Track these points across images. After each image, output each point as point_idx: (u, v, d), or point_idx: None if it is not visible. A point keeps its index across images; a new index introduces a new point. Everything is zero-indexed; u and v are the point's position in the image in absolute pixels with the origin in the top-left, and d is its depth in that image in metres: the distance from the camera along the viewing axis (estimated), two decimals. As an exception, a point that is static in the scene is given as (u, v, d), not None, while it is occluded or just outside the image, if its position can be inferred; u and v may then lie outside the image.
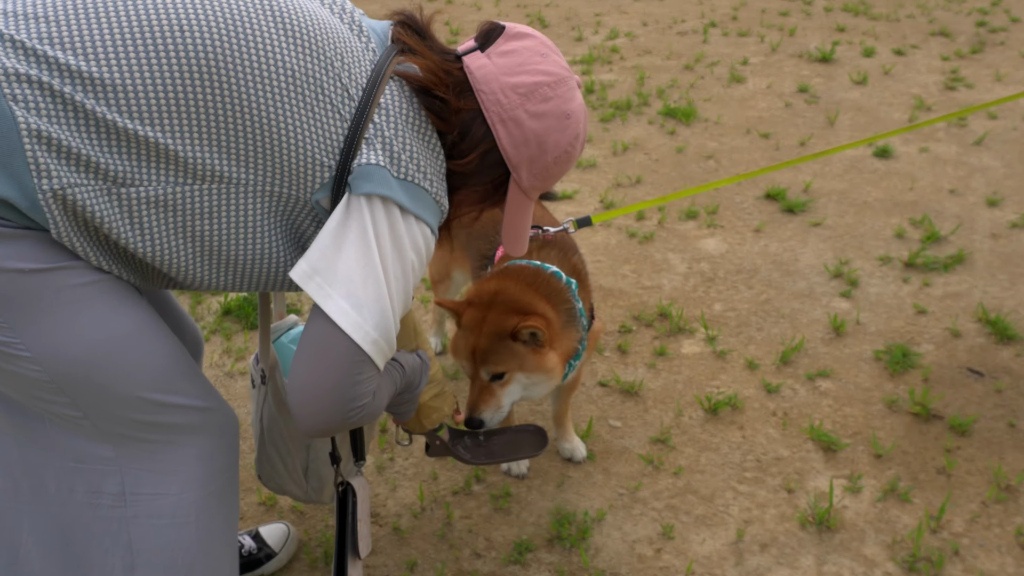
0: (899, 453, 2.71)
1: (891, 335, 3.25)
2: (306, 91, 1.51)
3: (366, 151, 1.54)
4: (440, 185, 1.62)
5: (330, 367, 1.51)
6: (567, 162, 1.76)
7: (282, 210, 1.56)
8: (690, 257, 3.82)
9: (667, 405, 2.96)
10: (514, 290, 2.32)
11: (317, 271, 1.51)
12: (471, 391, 2.27)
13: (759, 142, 4.90)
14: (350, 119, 1.55)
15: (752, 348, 3.23)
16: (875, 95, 5.41)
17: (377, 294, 1.52)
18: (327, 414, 1.53)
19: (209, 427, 1.68)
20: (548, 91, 1.67)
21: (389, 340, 1.57)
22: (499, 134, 1.65)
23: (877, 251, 3.79)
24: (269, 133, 1.48)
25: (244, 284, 1.64)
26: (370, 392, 1.58)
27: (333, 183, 1.56)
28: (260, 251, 1.58)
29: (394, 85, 1.61)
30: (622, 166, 4.72)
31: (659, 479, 2.66)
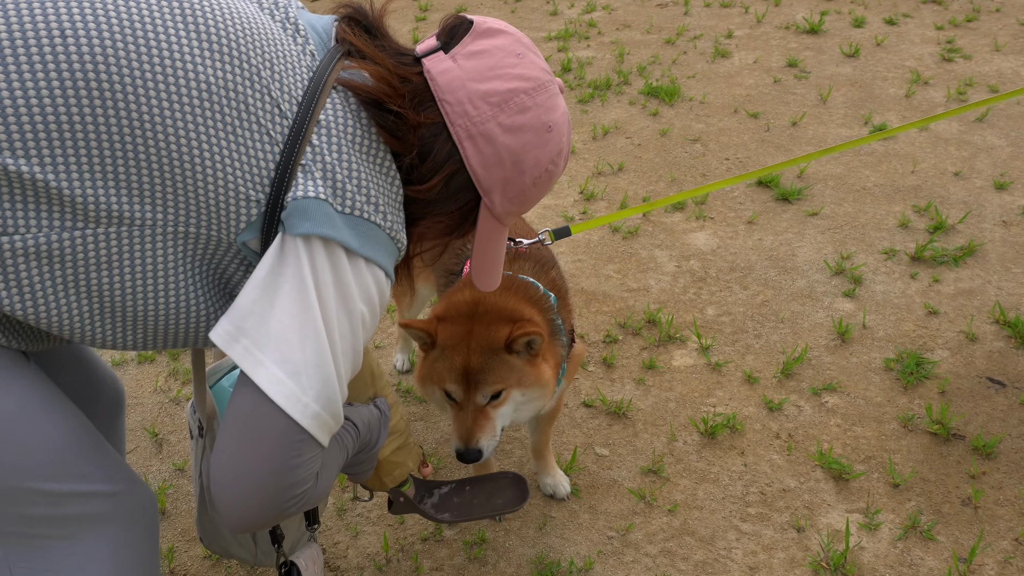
0: (919, 481, 2.43)
1: (901, 340, 2.97)
2: (225, 108, 1.19)
3: (303, 181, 1.23)
4: (396, 217, 1.32)
5: (261, 452, 1.21)
6: (548, 182, 1.47)
7: (201, 254, 1.25)
8: (679, 254, 3.52)
9: (659, 428, 2.66)
10: (495, 297, 2.02)
11: (243, 331, 1.20)
12: (460, 418, 1.95)
13: (748, 123, 4.59)
14: (282, 142, 1.24)
15: (750, 359, 2.93)
16: (868, 69, 5.10)
17: (318, 358, 1.22)
18: (258, 509, 1.23)
19: (119, 515, 1.38)
20: (525, 99, 1.37)
21: (334, 412, 1.27)
22: (467, 152, 1.35)
23: (880, 243, 3.50)
24: (180, 162, 1.17)
25: (158, 342, 1.33)
26: (311, 475, 1.28)
27: (263, 221, 1.25)
28: (174, 305, 1.27)
29: (337, 97, 1.30)
30: (603, 152, 4.40)
31: (652, 518, 2.37)
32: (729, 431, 2.64)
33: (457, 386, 1.93)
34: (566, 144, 1.45)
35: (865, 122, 4.48)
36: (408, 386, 2.89)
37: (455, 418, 1.97)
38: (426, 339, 1.96)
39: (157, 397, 2.92)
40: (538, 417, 2.33)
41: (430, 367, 1.97)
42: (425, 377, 1.99)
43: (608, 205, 3.90)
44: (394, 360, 2.97)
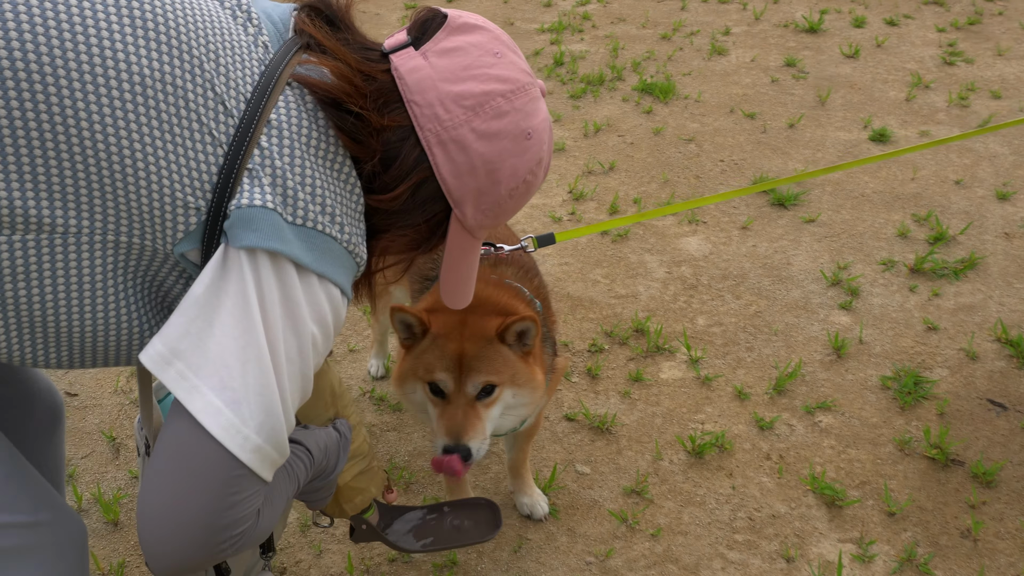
0: (915, 510, 2.31)
1: (899, 357, 2.84)
2: (162, 104, 1.05)
3: (249, 187, 1.09)
4: (355, 229, 1.19)
5: (194, 489, 1.07)
6: (527, 193, 1.33)
7: (135, 266, 1.12)
8: (669, 259, 3.38)
9: (644, 445, 2.53)
10: (488, 292, 1.90)
11: (177, 354, 1.07)
12: (448, 412, 1.78)
13: (744, 123, 4.45)
14: (227, 143, 1.10)
15: (741, 373, 2.80)
16: (868, 70, 4.97)
17: (261, 384, 1.09)
18: (188, 552, 1.09)
19: (43, 547, 1.25)
20: (503, 103, 1.23)
21: (278, 445, 1.13)
22: (437, 160, 1.22)
23: (879, 253, 3.37)
24: (108, 163, 1.03)
25: (87, 360, 1.19)
26: (251, 514, 1.14)
27: (203, 231, 1.11)
28: (103, 320, 1.13)
29: (292, 95, 1.16)
30: (594, 150, 4.26)
31: (634, 542, 2.23)
32: (717, 450, 2.51)
33: (448, 375, 1.77)
34: (547, 153, 1.32)
35: (864, 126, 4.35)
36: (383, 393, 2.75)
37: (441, 414, 1.79)
38: (417, 327, 1.81)
39: (117, 398, 2.77)
40: (516, 433, 2.20)
41: (415, 360, 1.82)
42: (408, 372, 1.83)
43: (598, 206, 3.76)
44: (368, 366, 2.83)
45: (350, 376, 2.83)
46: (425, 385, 1.81)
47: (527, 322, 1.78)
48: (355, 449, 1.63)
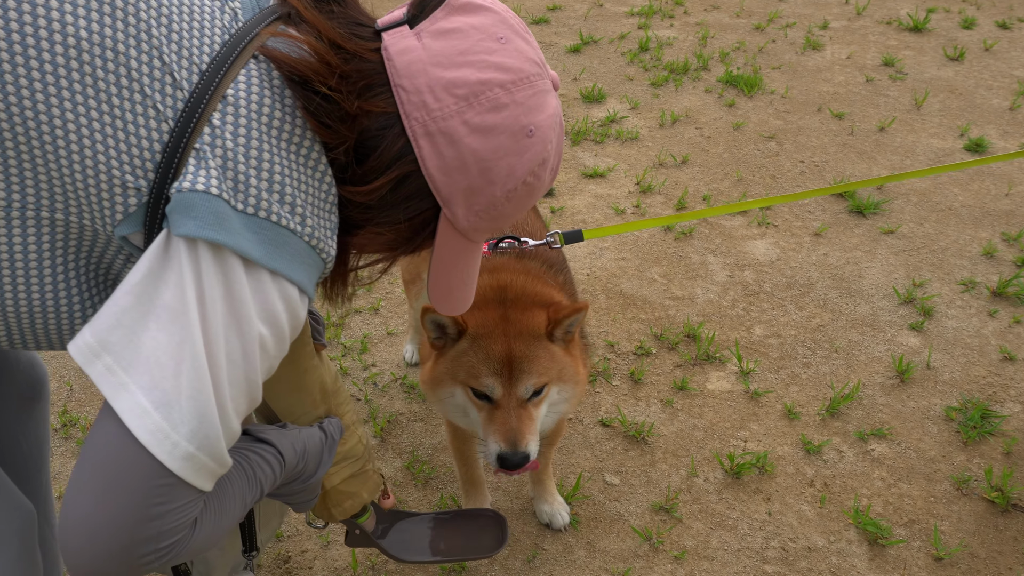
0: (966, 556, 2.12)
1: (968, 387, 2.63)
2: (98, 71, 0.96)
3: (194, 169, 0.99)
4: (321, 222, 1.08)
5: (116, 496, 0.99)
6: (528, 196, 1.20)
7: (75, 246, 1.03)
8: (733, 262, 3.22)
9: (680, 460, 2.40)
10: (522, 281, 1.78)
11: (107, 347, 0.98)
12: (500, 417, 1.67)
13: (831, 123, 4.22)
14: (173, 118, 1.00)
15: (794, 390, 2.63)
16: (972, 75, 4.67)
17: (195, 387, 0.99)
18: (106, 563, 1.01)
19: None
20: (501, 95, 1.10)
21: (214, 454, 1.03)
22: (423, 153, 1.10)
23: (960, 273, 3.14)
24: (38, 133, 0.95)
25: (28, 341, 1.12)
26: (184, 524, 1.05)
27: (145, 214, 1.02)
28: (39, 301, 1.06)
29: (257, 69, 1.06)
30: (668, 141, 4.09)
31: (655, 564, 2.11)
32: (757, 472, 2.36)
33: (496, 380, 1.66)
34: (553, 153, 1.19)
35: (961, 134, 4.08)
36: (414, 380, 2.66)
37: (492, 419, 1.68)
38: (452, 328, 1.71)
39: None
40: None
41: (453, 363, 1.70)
42: (444, 376, 1.72)
43: (665, 200, 3.60)
44: (404, 351, 2.75)
45: (386, 360, 2.76)
46: (467, 389, 1.70)
47: (579, 314, 1.68)
48: (347, 451, 1.53)
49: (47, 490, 1.65)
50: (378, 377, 2.69)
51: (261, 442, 1.29)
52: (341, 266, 1.22)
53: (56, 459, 2.38)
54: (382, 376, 2.70)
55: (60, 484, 2.29)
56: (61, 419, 2.51)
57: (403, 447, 2.44)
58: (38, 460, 1.57)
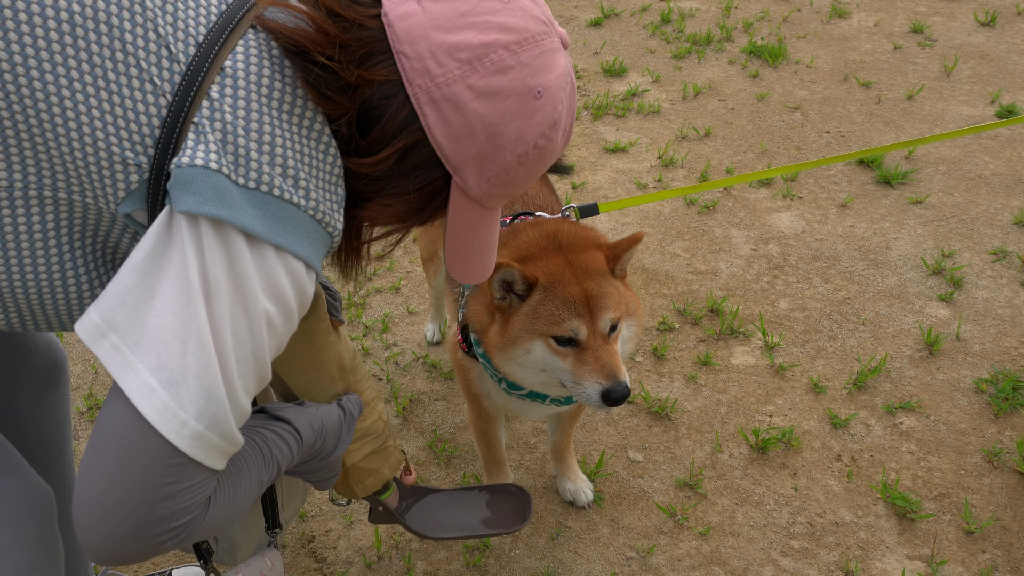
0: (998, 530, 2.09)
1: (999, 358, 2.59)
2: (93, 46, 0.95)
3: (192, 144, 0.98)
4: (326, 195, 1.06)
5: (127, 476, 0.98)
6: (541, 160, 1.18)
7: (80, 225, 1.02)
8: (757, 235, 3.17)
9: (704, 435, 2.37)
10: (569, 227, 1.80)
11: (113, 326, 0.97)
12: (590, 357, 1.66)
13: (857, 92, 4.15)
14: (171, 92, 0.99)
15: (820, 364, 2.60)
16: (1004, 40, 4.57)
17: (202, 365, 0.98)
18: (120, 542, 1.01)
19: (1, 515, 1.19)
20: (505, 56, 1.07)
21: (224, 432, 1.03)
22: (428, 120, 1.08)
23: (990, 242, 3.08)
24: (36, 111, 0.94)
25: (40, 323, 1.11)
26: (196, 504, 1.04)
27: (147, 190, 1.00)
28: (47, 282, 1.05)
29: (255, 40, 1.04)
30: (691, 114, 4.04)
31: (680, 540, 2.09)
32: (783, 447, 2.33)
33: (580, 321, 1.65)
34: (565, 114, 1.16)
35: (992, 101, 3.99)
36: (435, 360, 2.65)
37: (583, 360, 1.66)
38: (521, 283, 1.68)
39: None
40: (560, 413, 2.07)
41: (528, 318, 1.68)
42: (520, 333, 1.69)
43: (688, 174, 3.56)
44: (425, 331, 2.74)
45: (407, 340, 2.75)
46: (547, 340, 1.68)
47: (635, 246, 1.71)
48: (367, 427, 1.53)
49: (70, 473, 1.66)
50: (399, 356, 2.68)
51: (278, 420, 1.28)
52: (353, 239, 1.20)
53: (82, 442, 2.39)
54: (403, 355, 2.69)
55: (86, 467, 2.31)
56: (87, 402, 2.52)
57: (425, 426, 2.43)
58: (60, 442, 1.58)
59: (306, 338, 1.39)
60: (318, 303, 1.39)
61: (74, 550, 1.67)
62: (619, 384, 1.63)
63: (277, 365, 1.40)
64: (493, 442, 2.09)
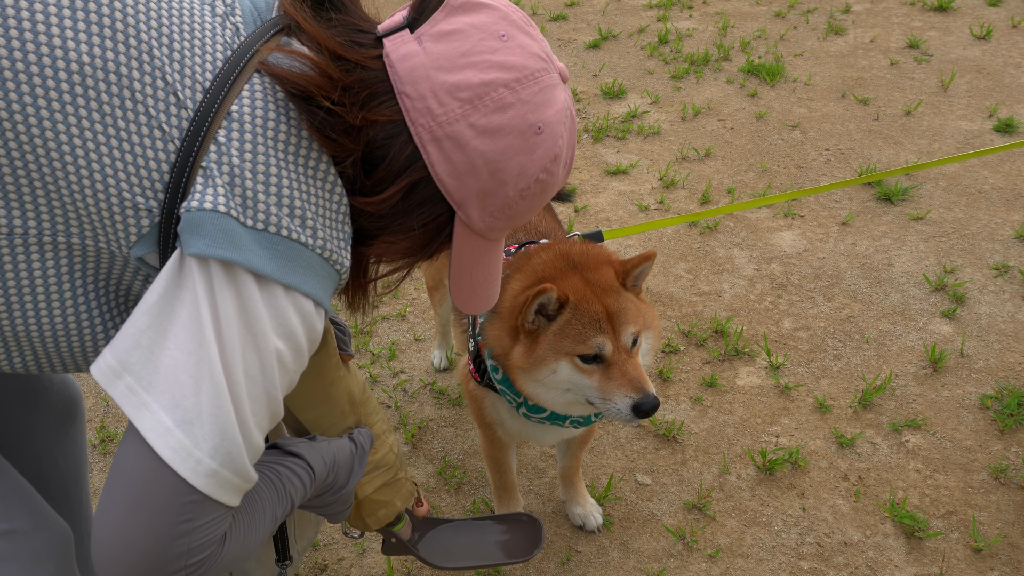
0: (1006, 547, 2.10)
1: (1004, 374, 2.60)
2: (103, 95, 0.97)
3: (202, 188, 1.00)
4: (333, 233, 1.09)
5: (143, 514, 1.01)
6: (543, 193, 1.20)
7: (93, 268, 1.05)
8: (759, 255, 3.19)
9: (711, 457, 2.39)
10: (579, 246, 1.83)
11: (127, 367, 1.00)
12: (616, 372, 1.68)
13: (855, 109, 4.18)
14: (179, 138, 1.01)
15: (825, 383, 2.61)
16: (1000, 53, 4.60)
17: (216, 403, 1.01)
18: (144, 570, 1.03)
19: (16, 556, 1.22)
20: (505, 94, 1.10)
21: (238, 469, 1.05)
22: (431, 159, 1.10)
23: (992, 257, 3.10)
24: (48, 160, 0.96)
25: (55, 364, 1.14)
26: (213, 540, 1.07)
27: (158, 233, 1.03)
28: (63, 324, 1.08)
29: (260, 84, 1.07)
30: (691, 134, 4.07)
31: (690, 563, 2.10)
32: (790, 467, 2.34)
33: (605, 337, 1.68)
34: (565, 148, 1.18)
35: (990, 114, 4.02)
36: (443, 386, 2.67)
37: (610, 376, 1.68)
38: (555, 305, 1.70)
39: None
40: (571, 439, 2.09)
41: (556, 338, 1.69)
42: (546, 354, 1.70)
43: (688, 195, 3.58)
44: (432, 358, 2.76)
45: (414, 367, 2.77)
46: (574, 359, 1.70)
47: (647, 263, 1.74)
48: (378, 460, 1.55)
49: (87, 508, 1.68)
50: (407, 383, 2.70)
51: (290, 455, 1.30)
52: (360, 276, 1.23)
53: (96, 475, 2.41)
54: (411, 382, 2.71)
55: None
56: (99, 435, 2.54)
57: (434, 453, 2.45)
58: (77, 478, 1.60)
59: (316, 373, 1.41)
60: (327, 338, 1.41)
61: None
62: (648, 396, 1.65)
63: (288, 400, 1.42)
64: (505, 469, 2.10)
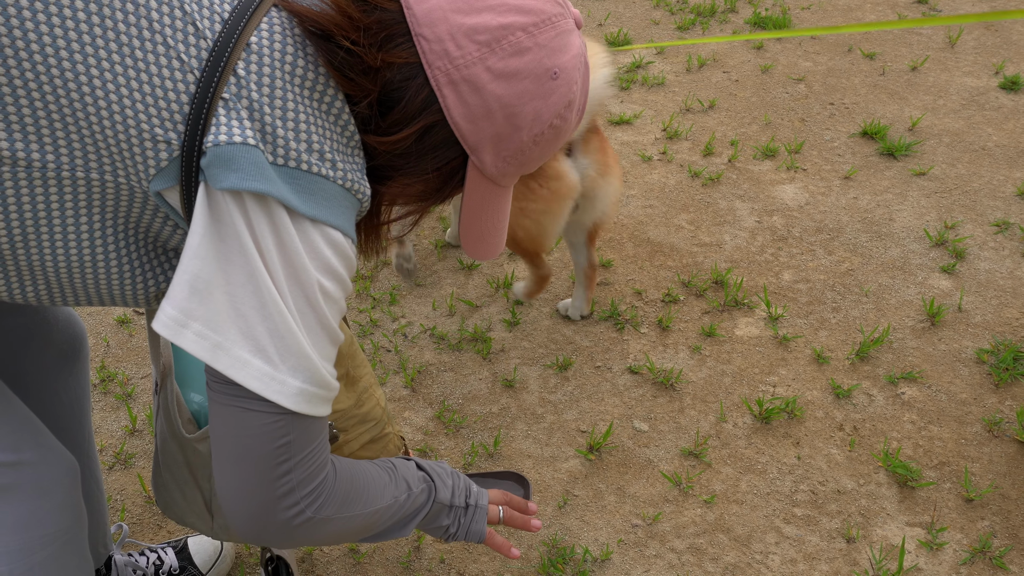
0: (997, 497, 2.13)
1: (1001, 329, 2.62)
2: (120, 24, 0.97)
3: (225, 121, 1.00)
4: (350, 164, 1.09)
5: (243, 448, 1.08)
6: (555, 139, 1.20)
7: (112, 204, 1.06)
8: (761, 208, 3.19)
9: (708, 405, 2.41)
10: None
11: (190, 314, 1.02)
12: None
13: (861, 64, 4.15)
14: (199, 68, 1.01)
15: (823, 335, 2.63)
16: (1010, 7, 4.56)
17: (283, 328, 1.04)
18: (259, 518, 1.11)
19: (23, 486, 1.24)
20: (523, 38, 1.10)
21: (320, 381, 1.09)
22: (447, 102, 1.10)
23: (993, 213, 3.10)
24: (65, 90, 0.96)
25: (59, 296, 1.14)
26: (319, 465, 1.14)
27: (179, 168, 1.03)
28: (76, 255, 1.09)
29: (279, 18, 1.06)
30: (695, 86, 4.05)
31: (685, 508, 2.13)
32: (786, 416, 2.37)
33: None
34: (579, 94, 1.18)
35: (996, 72, 4.00)
36: (443, 332, 2.69)
37: None
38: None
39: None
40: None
41: None
42: None
43: (692, 146, 3.57)
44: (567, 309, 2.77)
45: (414, 312, 2.78)
46: None
47: None
48: (365, 414, 1.55)
49: (89, 444, 1.70)
50: (407, 328, 2.72)
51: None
52: (373, 218, 1.23)
53: (97, 414, 2.43)
54: (411, 327, 2.72)
55: (101, 438, 2.35)
56: (99, 375, 2.56)
57: (433, 397, 2.47)
58: (79, 416, 1.61)
59: None
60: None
61: (93, 522, 1.71)
62: None
63: None
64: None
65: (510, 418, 2.38)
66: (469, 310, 2.78)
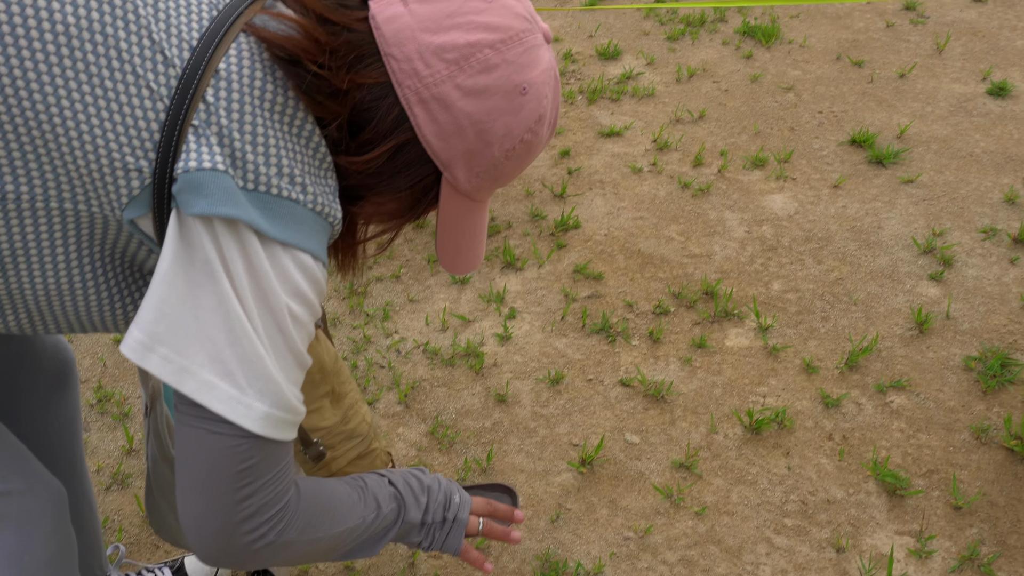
0: (985, 505, 2.15)
1: (988, 336, 2.64)
2: (90, 54, 0.99)
3: (195, 147, 1.02)
4: (321, 187, 1.11)
5: (206, 470, 1.07)
6: (528, 154, 1.22)
7: (87, 233, 1.08)
8: (751, 218, 3.22)
9: (699, 417, 2.43)
10: None
11: (157, 338, 1.03)
12: None
13: (850, 71, 4.18)
14: (168, 96, 1.02)
15: (813, 345, 2.65)
16: (996, 16, 4.59)
17: (251, 352, 1.04)
18: (219, 541, 1.11)
19: (10, 515, 1.26)
20: (491, 55, 1.11)
21: (285, 405, 1.09)
22: (418, 120, 1.12)
23: (981, 220, 3.13)
24: (37, 122, 0.98)
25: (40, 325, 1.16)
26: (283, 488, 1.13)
27: (151, 195, 1.05)
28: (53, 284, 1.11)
29: (246, 44, 1.08)
30: (685, 96, 4.07)
31: (677, 520, 2.15)
32: (777, 427, 2.39)
33: None
34: (549, 108, 1.20)
35: (983, 78, 4.03)
36: (436, 347, 2.71)
37: None
38: None
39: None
40: None
41: None
42: None
43: (682, 157, 3.60)
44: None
45: (407, 327, 2.80)
46: None
47: None
48: (351, 430, 1.57)
49: (81, 467, 1.72)
50: (401, 344, 2.74)
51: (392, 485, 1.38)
52: (350, 237, 1.25)
53: (93, 434, 2.45)
54: (405, 343, 2.74)
55: (98, 459, 2.37)
56: (96, 394, 2.58)
57: (427, 412, 2.49)
58: (70, 440, 1.63)
59: None
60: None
61: (87, 544, 1.73)
62: None
63: None
64: None
65: (503, 432, 2.40)
66: (462, 325, 2.80)
